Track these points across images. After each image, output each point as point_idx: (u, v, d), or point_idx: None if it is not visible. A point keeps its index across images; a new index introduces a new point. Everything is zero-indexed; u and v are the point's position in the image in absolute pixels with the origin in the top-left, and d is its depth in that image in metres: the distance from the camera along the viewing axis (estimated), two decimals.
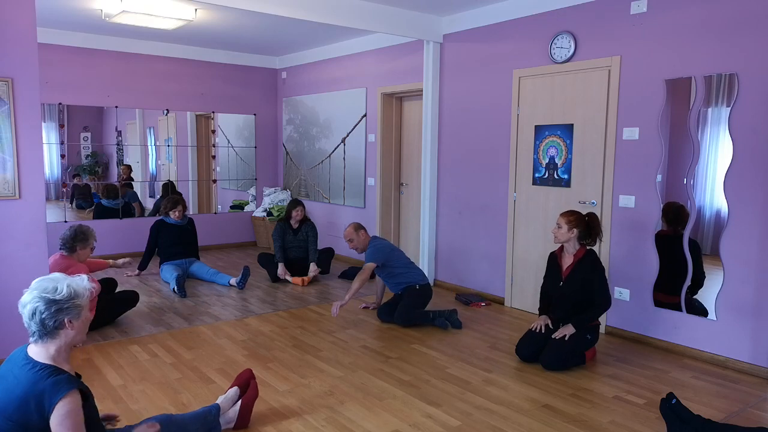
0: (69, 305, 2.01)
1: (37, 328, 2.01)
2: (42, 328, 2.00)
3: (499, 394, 3.37)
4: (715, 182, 3.86)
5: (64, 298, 2.00)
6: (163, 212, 6.14)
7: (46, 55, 6.44)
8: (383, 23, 5.27)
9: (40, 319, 1.99)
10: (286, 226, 6.23)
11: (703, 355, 3.96)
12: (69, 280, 2.05)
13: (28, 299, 2.01)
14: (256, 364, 3.77)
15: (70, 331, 2.03)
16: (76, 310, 2.03)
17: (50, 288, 2.00)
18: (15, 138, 3.58)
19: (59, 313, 1.99)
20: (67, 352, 2.07)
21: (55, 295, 1.99)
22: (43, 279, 2.05)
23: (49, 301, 1.98)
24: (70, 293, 2.02)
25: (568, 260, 3.85)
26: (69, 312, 2.01)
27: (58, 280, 2.04)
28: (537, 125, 4.91)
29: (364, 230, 4.85)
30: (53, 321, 1.99)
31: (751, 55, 3.64)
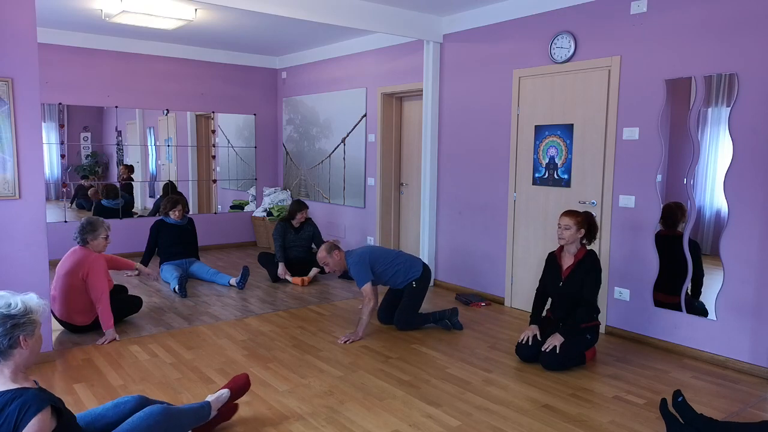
0: (25, 320, 1.88)
1: None
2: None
3: (499, 394, 3.37)
4: (715, 182, 3.86)
5: (19, 312, 1.87)
6: (163, 212, 6.14)
7: (46, 55, 6.44)
8: (383, 23, 5.28)
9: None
10: (287, 225, 6.23)
11: (703, 355, 3.96)
12: (20, 295, 1.93)
13: None
14: (256, 364, 3.77)
15: (24, 351, 1.90)
16: (32, 326, 1.91)
17: (2, 304, 1.87)
18: (15, 138, 3.58)
19: (15, 329, 1.86)
20: (24, 373, 1.94)
21: (9, 310, 1.86)
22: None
23: (4, 317, 1.84)
24: (25, 308, 1.89)
25: (568, 260, 3.85)
26: (24, 328, 1.88)
27: (7, 296, 1.91)
28: (537, 125, 4.91)
29: (338, 249, 4.44)
30: (8, 339, 1.85)
31: (751, 55, 3.64)
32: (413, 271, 4.57)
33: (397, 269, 4.51)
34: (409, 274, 4.55)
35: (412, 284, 4.54)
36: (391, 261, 4.52)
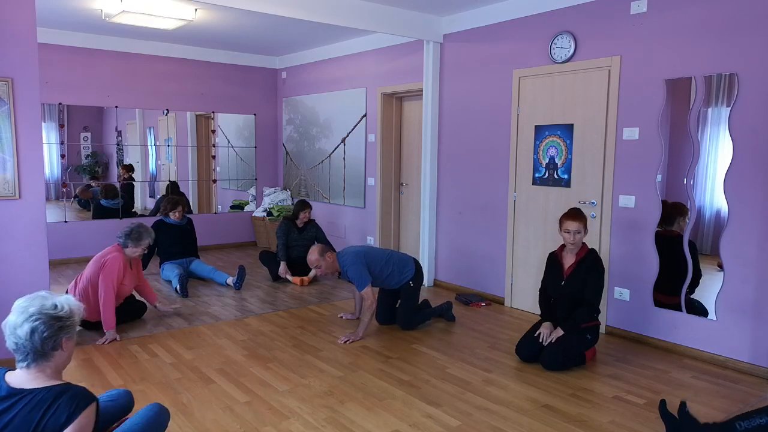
0: (69, 323, 1.88)
1: (32, 350, 1.82)
2: (39, 349, 1.82)
3: (499, 394, 3.37)
4: (715, 182, 3.86)
5: (65, 315, 1.87)
6: (163, 212, 6.14)
7: (46, 55, 6.44)
8: (383, 23, 5.28)
9: (41, 339, 1.82)
10: (291, 224, 6.23)
11: (703, 355, 3.96)
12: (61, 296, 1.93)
13: (23, 318, 1.82)
14: (256, 364, 3.77)
15: (64, 353, 1.90)
16: (73, 329, 1.91)
17: (49, 305, 1.85)
18: (15, 138, 3.58)
19: (60, 331, 1.85)
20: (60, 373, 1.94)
21: (57, 312, 1.86)
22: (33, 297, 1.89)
23: (52, 318, 1.83)
24: (70, 310, 1.89)
25: (570, 260, 3.85)
26: (68, 331, 1.88)
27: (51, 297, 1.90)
28: (537, 125, 4.91)
29: (330, 250, 4.36)
30: (52, 341, 1.83)
31: (751, 55, 3.64)
32: (407, 271, 4.53)
33: (391, 270, 4.47)
34: (403, 274, 4.51)
35: (409, 284, 4.53)
36: (385, 262, 4.47)
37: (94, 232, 7.01)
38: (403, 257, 4.60)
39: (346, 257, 4.33)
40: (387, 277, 4.46)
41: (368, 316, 4.26)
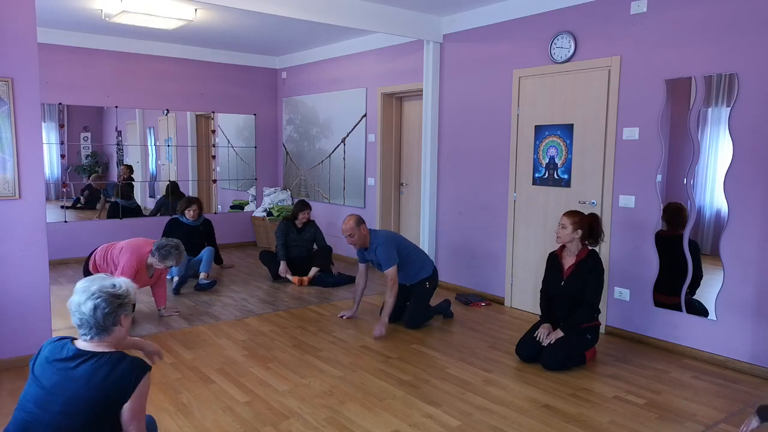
0: (127, 301, 2.03)
1: (95, 325, 1.97)
2: (101, 324, 1.97)
3: (499, 394, 3.37)
4: (715, 182, 3.86)
5: (124, 293, 2.02)
6: (179, 211, 6.21)
7: (46, 55, 6.44)
8: (383, 23, 5.27)
9: (103, 314, 1.96)
10: (290, 224, 6.24)
11: (703, 355, 3.96)
12: (118, 278, 2.07)
13: (86, 296, 1.98)
14: (256, 364, 3.77)
15: (122, 329, 2.04)
16: (130, 307, 2.06)
17: (108, 285, 2.01)
18: (15, 138, 3.58)
19: (119, 308, 2.00)
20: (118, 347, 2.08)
21: (115, 290, 2.00)
22: (93, 279, 2.04)
23: (112, 296, 1.98)
24: (127, 289, 2.04)
25: (569, 260, 3.85)
26: (125, 308, 2.03)
27: (109, 277, 2.05)
28: (537, 125, 4.91)
29: (364, 224, 4.49)
30: (112, 317, 1.98)
31: (751, 55, 3.64)
32: (425, 269, 4.63)
33: (413, 262, 4.56)
34: (421, 271, 4.61)
35: (425, 284, 4.61)
36: (409, 253, 4.56)
37: (95, 232, 7.01)
38: (424, 256, 4.71)
39: (380, 236, 4.45)
40: (406, 269, 4.53)
41: (391, 298, 4.31)
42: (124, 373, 1.93)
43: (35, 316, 3.74)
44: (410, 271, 4.57)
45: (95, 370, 1.92)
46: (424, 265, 4.64)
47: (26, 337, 3.72)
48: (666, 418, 3.09)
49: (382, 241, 4.41)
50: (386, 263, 4.36)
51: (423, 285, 4.60)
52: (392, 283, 4.34)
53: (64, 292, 5.28)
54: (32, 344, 3.74)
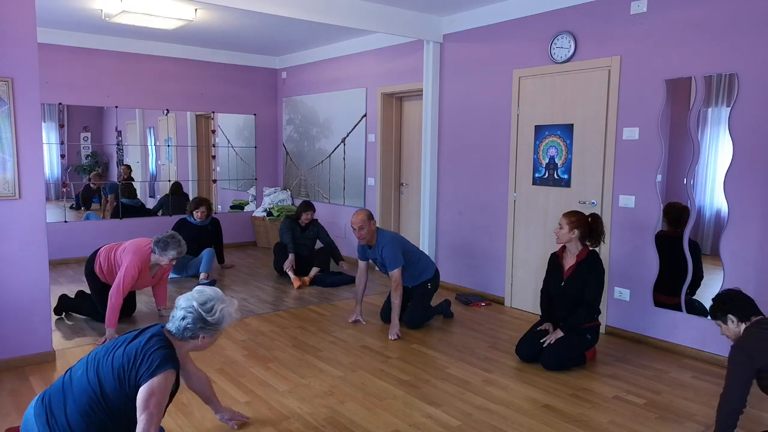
0: (211, 328, 2.29)
1: (176, 327, 2.27)
2: (182, 331, 2.27)
3: (499, 394, 3.37)
4: (715, 182, 3.86)
5: (213, 321, 2.28)
6: (188, 211, 6.23)
7: (46, 55, 6.44)
8: (383, 23, 5.27)
9: (184, 325, 2.26)
10: (293, 223, 6.24)
11: (703, 355, 3.96)
12: (227, 305, 2.34)
13: (186, 304, 2.28)
14: (256, 364, 3.77)
15: (199, 343, 2.32)
16: (214, 332, 2.31)
17: (208, 307, 2.27)
18: (15, 138, 3.58)
19: (201, 330, 2.27)
20: (187, 352, 2.38)
21: (208, 315, 2.27)
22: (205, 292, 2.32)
23: (200, 317, 2.26)
24: (220, 318, 2.29)
25: (570, 261, 3.85)
26: (208, 332, 2.29)
27: (216, 301, 2.31)
28: (537, 125, 4.91)
29: (374, 221, 4.49)
30: (191, 333, 2.27)
31: (751, 55, 3.64)
32: (427, 272, 4.65)
33: (416, 265, 4.58)
34: (423, 273, 4.62)
35: (427, 285, 4.63)
36: (412, 256, 4.58)
37: (95, 232, 7.01)
38: (427, 259, 4.73)
39: (387, 236, 4.46)
40: (409, 272, 4.54)
41: (397, 299, 4.33)
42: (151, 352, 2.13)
43: (35, 316, 3.74)
44: (413, 274, 4.59)
45: (147, 339, 2.20)
46: (426, 268, 4.66)
47: (26, 337, 3.72)
48: (666, 418, 3.09)
49: (389, 241, 4.41)
50: (392, 264, 4.37)
51: (425, 286, 4.61)
52: (397, 284, 4.35)
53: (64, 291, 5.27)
54: (32, 344, 3.74)
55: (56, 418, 2.12)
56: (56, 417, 2.12)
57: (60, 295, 4.76)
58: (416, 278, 4.60)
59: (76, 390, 2.14)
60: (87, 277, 4.52)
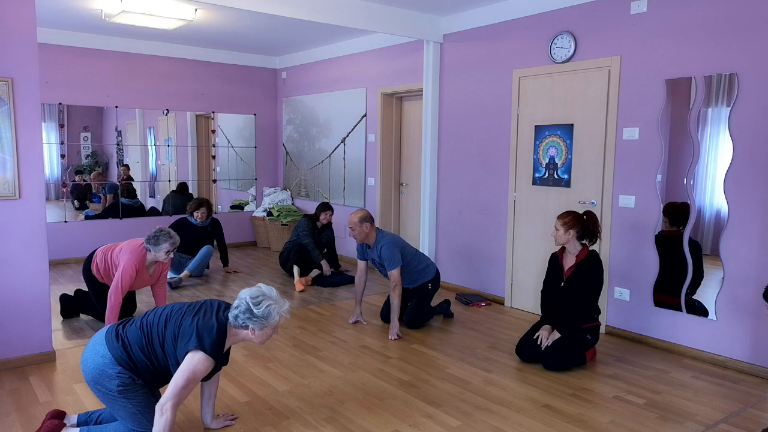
0: (257, 320, 2.48)
1: (233, 316, 2.51)
2: (234, 318, 2.50)
3: (499, 394, 3.37)
4: (715, 182, 3.86)
5: (260, 314, 2.47)
6: (189, 212, 6.22)
7: (46, 55, 6.45)
8: (383, 23, 5.27)
9: (236, 313, 2.49)
10: (313, 224, 6.15)
11: (703, 355, 3.96)
12: (275, 301, 2.53)
13: (243, 295, 2.52)
14: (256, 364, 3.77)
15: (250, 334, 2.53)
16: (261, 325, 2.49)
17: (257, 301, 2.49)
18: (15, 138, 3.58)
19: (249, 320, 2.48)
20: (238, 341, 2.58)
21: (255, 308, 2.48)
22: (261, 289, 2.54)
23: (248, 309, 2.48)
24: (266, 313, 2.48)
25: (570, 261, 3.85)
26: (256, 323, 2.48)
27: (267, 296, 2.52)
28: (537, 125, 4.91)
29: (369, 223, 4.39)
30: (242, 322, 2.49)
31: (751, 55, 3.64)
32: (427, 273, 4.65)
33: (416, 267, 4.57)
34: (422, 274, 4.62)
35: (428, 286, 4.63)
36: (412, 257, 4.58)
37: (95, 232, 7.01)
38: (427, 261, 4.72)
39: (386, 236, 4.47)
40: (409, 274, 4.54)
41: (396, 299, 4.34)
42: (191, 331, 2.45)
43: (35, 316, 3.74)
44: (412, 277, 4.58)
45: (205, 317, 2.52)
46: (426, 270, 4.65)
47: (26, 337, 3.72)
48: (666, 418, 3.09)
49: (387, 242, 4.41)
50: (390, 264, 4.36)
51: (425, 286, 4.61)
52: (395, 284, 4.34)
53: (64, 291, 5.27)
54: (32, 344, 3.74)
55: (126, 332, 2.58)
56: (126, 331, 2.58)
57: (60, 296, 4.76)
58: (416, 280, 4.60)
59: (149, 323, 2.57)
60: (85, 279, 4.52)
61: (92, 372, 2.53)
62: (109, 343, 2.55)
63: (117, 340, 2.55)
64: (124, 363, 2.52)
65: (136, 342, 2.54)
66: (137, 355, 2.53)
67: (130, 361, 2.53)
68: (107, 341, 2.56)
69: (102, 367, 2.52)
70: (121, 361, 2.52)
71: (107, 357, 2.52)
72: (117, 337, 2.56)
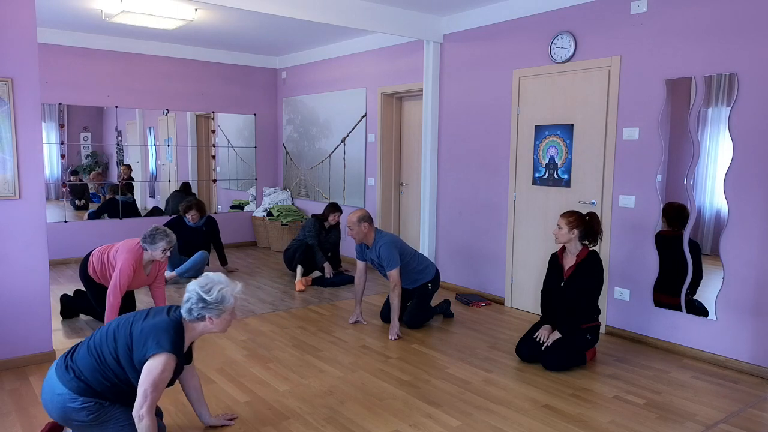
0: (213, 307, 2.42)
1: (186, 310, 2.43)
2: (189, 311, 2.43)
3: (499, 394, 3.37)
4: (715, 182, 3.86)
5: (213, 300, 2.42)
6: (182, 212, 6.18)
7: (46, 55, 6.45)
8: (383, 23, 5.27)
9: (188, 306, 2.43)
10: (320, 225, 6.14)
11: (703, 355, 3.96)
12: (225, 284, 2.46)
13: (190, 287, 2.44)
14: (256, 364, 3.77)
15: (209, 325, 2.47)
16: (218, 311, 2.44)
17: (207, 288, 2.43)
18: (15, 138, 3.58)
19: (204, 309, 2.42)
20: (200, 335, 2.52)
21: (206, 295, 2.41)
22: (208, 276, 2.48)
23: (200, 298, 2.42)
24: (220, 298, 2.42)
25: (570, 261, 3.84)
26: (212, 311, 2.43)
27: (216, 282, 2.45)
28: (537, 125, 4.91)
29: (368, 223, 4.40)
30: (197, 313, 2.42)
31: (751, 55, 3.64)
32: (427, 273, 4.65)
33: (415, 268, 4.57)
34: (422, 275, 4.62)
35: (428, 286, 4.63)
36: (411, 258, 4.57)
37: (95, 232, 7.01)
38: (427, 261, 4.72)
39: (385, 237, 4.46)
40: (408, 275, 4.54)
41: (396, 299, 4.33)
42: (145, 336, 2.35)
43: (35, 317, 3.74)
44: (412, 278, 4.58)
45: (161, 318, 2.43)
46: (426, 269, 4.65)
47: (26, 337, 3.72)
48: (666, 418, 3.09)
49: (386, 242, 4.40)
50: (389, 265, 4.36)
51: (425, 287, 4.61)
52: (395, 284, 4.34)
53: (63, 291, 5.28)
54: (32, 344, 3.74)
55: (75, 360, 2.45)
56: (75, 359, 2.45)
57: (61, 296, 4.77)
58: (416, 281, 4.60)
59: (97, 343, 2.45)
60: (82, 280, 4.52)
61: (57, 411, 2.40)
62: (62, 378, 2.40)
63: (68, 372, 2.40)
64: (83, 392, 2.38)
65: (87, 369, 2.40)
66: (94, 380, 2.39)
67: (89, 388, 2.39)
68: (59, 377, 2.41)
69: (63, 403, 2.38)
70: (80, 391, 2.38)
71: (64, 392, 2.38)
72: (67, 369, 2.41)
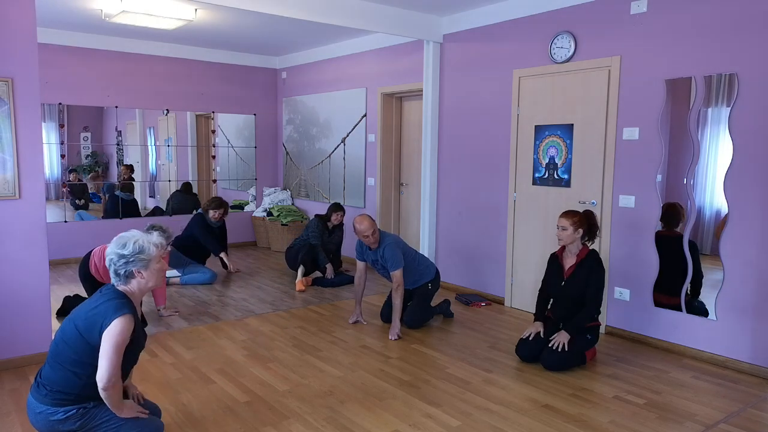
0: (134, 259, 2.38)
1: (114, 275, 2.40)
2: (117, 275, 2.40)
3: (499, 394, 3.37)
4: (715, 182, 3.86)
5: (130, 253, 2.38)
6: (204, 209, 6.07)
7: (46, 55, 6.44)
8: (383, 23, 5.27)
9: (113, 270, 2.40)
10: (324, 225, 6.13)
11: (703, 355, 3.96)
12: (139, 236, 2.43)
13: (108, 251, 2.41)
14: (256, 364, 3.77)
15: (141, 279, 2.42)
16: (143, 263, 2.39)
17: (120, 244, 2.40)
18: (15, 138, 3.58)
19: (128, 265, 2.38)
20: (141, 293, 2.46)
21: (123, 250, 2.38)
22: (121, 235, 2.44)
23: (119, 256, 2.38)
24: (135, 249, 2.38)
25: (570, 260, 3.84)
26: (136, 264, 2.38)
27: (130, 237, 2.42)
28: (537, 125, 4.91)
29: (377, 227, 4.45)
30: (124, 271, 2.38)
31: (751, 55, 3.64)
32: (427, 274, 4.66)
33: (416, 268, 4.58)
34: (423, 275, 4.63)
35: (428, 286, 4.64)
36: (412, 259, 4.58)
37: (95, 232, 7.01)
38: (427, 261, 4.73)
39: (389, 237, 4.47)
40: (409, 275, 4.54)
41: (398, 300, 4.34)
42: (100, 311, 2.31)
43: (35, 316, 3.74)
44: (413, 276, 4.60)
45: (101, 300, 2.37)
46: (427, 270, 4.67)
47: (26, 337, 3.72)
48: (666, 418, 3.09)
49: (390, 243, 4.40)
50: (393, 265, 4.36)
51: (425, 287, 4.62)
52: (398, 285, 4.34)
53: (64, 292, 5.28)
54: (32, 344, 3.74)
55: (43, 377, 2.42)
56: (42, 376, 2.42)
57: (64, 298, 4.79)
58: (416, 281, 4.61)
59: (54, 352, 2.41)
60: (83, 280, 4.51)
61: (45, 429, 2.38)
62: (37, 397, 2.38)
63: (40, 389, 2.39)
64: (61, 402, 2.35)
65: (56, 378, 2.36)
66: (66, 386, 2.36)
67: (66, 396, 2.36)
68: (35, 397, 2.39)
69: (47, 419, 2.36)
70: (57, 402, 2.35)
71: (43, 409, 2.36)
72: (39, 387, 2.39)
